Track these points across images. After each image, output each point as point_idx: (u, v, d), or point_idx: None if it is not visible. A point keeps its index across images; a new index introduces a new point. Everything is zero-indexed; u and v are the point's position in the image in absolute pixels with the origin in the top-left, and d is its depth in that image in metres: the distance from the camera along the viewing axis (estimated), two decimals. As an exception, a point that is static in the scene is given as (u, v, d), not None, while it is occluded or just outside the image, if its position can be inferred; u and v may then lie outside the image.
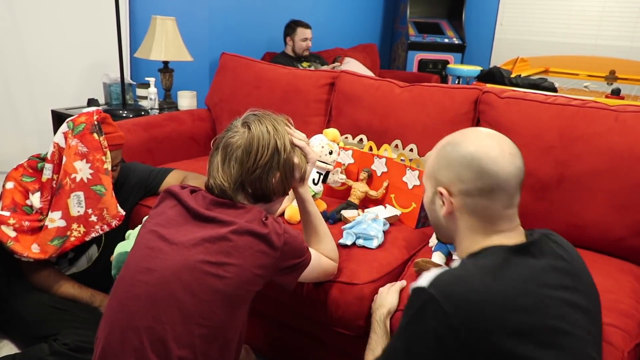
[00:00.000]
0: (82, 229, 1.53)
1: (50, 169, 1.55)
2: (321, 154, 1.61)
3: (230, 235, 1.03)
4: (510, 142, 0.90)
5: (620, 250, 1.50)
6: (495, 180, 0.86)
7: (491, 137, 0.90)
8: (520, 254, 0.84)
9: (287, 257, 1.10)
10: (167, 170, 1.84)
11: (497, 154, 0.86)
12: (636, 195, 1.45)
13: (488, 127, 1.70)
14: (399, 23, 5.02)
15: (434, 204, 0.95)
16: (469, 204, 0.89)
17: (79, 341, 1.42)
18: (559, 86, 3.16)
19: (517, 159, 0.88)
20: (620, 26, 4.45)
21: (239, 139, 1.11)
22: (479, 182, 0.86)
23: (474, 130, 0.94)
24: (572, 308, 0.80)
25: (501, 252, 0.84)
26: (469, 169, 0.87)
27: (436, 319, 0.75)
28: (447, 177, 0.91)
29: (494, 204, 0.87)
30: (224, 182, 1.10)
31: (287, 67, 2.31)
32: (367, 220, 1.49)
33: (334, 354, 1.46)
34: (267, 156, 1.11)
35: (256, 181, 1.11)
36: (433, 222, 0.99)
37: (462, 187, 0.88)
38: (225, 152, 1.12)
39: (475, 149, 0.87)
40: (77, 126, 1.55)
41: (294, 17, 3.48)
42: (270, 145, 1.11)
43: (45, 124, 2.52)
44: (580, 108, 1.56)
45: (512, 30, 4.92)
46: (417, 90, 1.88)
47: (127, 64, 2.80)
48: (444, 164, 0.91)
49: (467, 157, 0.88)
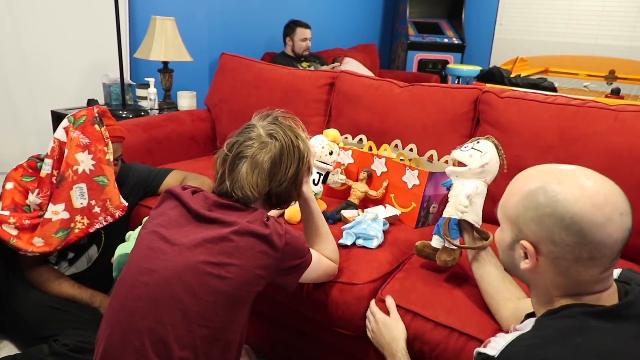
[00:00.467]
0: (86, 221, 1.53)
1: (50, 164, 1.55)
2: (321, 154, 1.61)
3: (231, 235, 1.03)
4: (620, 193, 0.73)
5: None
6: (598, 248, 0.70)
7: (597, 189, 0.71)
8: (607, 317, 0.70)
9: (288, 258, 1.10)
10: (166, 170, 1.84)
11: (605, 216, 0.69)
12: (636, 195, 1.44)
13: (488, 127, 1.70)
14: (398, 23, 5.02)
15: (513, 251, 0.80)
16: (560, 266, 0.74)
17: (79, 342, 1.42)
18: (558, 86, 3.16)
19: (628, 219, 0.71)
20: (619, 26, 4.46)
21: (267, 151, 1.12)
22: (577, 248, 0.71)
23: (573, 175, 0.75)
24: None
25: (582, 314, 0.71)
26: (567, 232, 0.71)
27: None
28: (534, 233, 0.74)
29: (591, 271, 0.72)
30: (254, 191, 1.10)
31: (287, 67, 2.31)
32: (367, 220, 1.49)
33: (334, 354, 1.46)
34: (293, 167, 1.14)
35: (282, 192, 1.15)
36: (506, 264, 0.85)
37: (553, 249, 0.73)
38: (253, 162, 1.11)
39: (579, 210, 0.70)
40: (78, 119, 1.56)
41: (294, 17, 3.48)
42: (296, 157, 1.15)
43: (45, 125, 2.52)
44: (580, 108, 1.56)
45: (511, 30, 4.92)
46: (417, 90, 1.89)
47: (127, 65, 2.80)
48: (532, 216, 0.74)
49: (565, 218, 0.71)
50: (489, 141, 1.26)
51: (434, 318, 1.20)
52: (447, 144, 1.75)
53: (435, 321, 1.19)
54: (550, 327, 0.71)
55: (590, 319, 0.70)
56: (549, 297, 0.78)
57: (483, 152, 1.23)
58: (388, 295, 1.27)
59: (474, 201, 1.21)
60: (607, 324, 0.69)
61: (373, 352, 1.36)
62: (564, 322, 0.71)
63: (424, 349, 1.20)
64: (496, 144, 1.26)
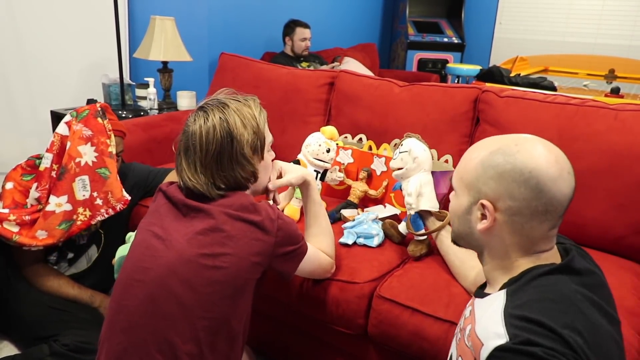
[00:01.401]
0: (88, 213, 1.54)
1: (49, 158, 1.55)
2: (318, 152, 1.61)
3: (222, 225, 1.02)
4: (565, 157, 0.81)
5: (620, 248, 1.50)
6: (551, 202, 0.77)
7: (549, 151, 0.80)
8: (561, 272, 0.78)
9: (283, 244, 1.09)
10: (166, 170, 1.84)
11: (557, 173, 0.77)
12: (636, 194, 1.45)
13: (487, 126, 1.70)
14: (398, 22, 5.02)
15: (469, 214, 0.85)
16: (515, 222, 0.80)
17: (78, 342, 1.42)
18: (558, 85, 3.16)
19: (572, 178, 0.80)
20: (619, 25, 4.45)
21: (193, 139, 1.07)
22: (534, 202, 0.77)
23: (528, 139, 0.82)
24: (614, 336, 0.76)
25: (540, 275, 0.78)
26: (525, 186, 0.77)
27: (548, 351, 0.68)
28: (494, 190, 0.80)
29: (542, 226, 0.79)
30: (197, 185, 1.06)
31: (287, 67, 2.31)
32: (368, 220, 1.49)
33: (334, 353, 1.46)
34: (216, 150, 1.06)
35: (222, 176, 1.07)
36: (460, 231, 0.90)
37: (511, 204, 0.79)
38: (187, 155, 1.08)
39: (535, 165, 0.77)
40: (81, 113, 1.59)
41: (293, 17, 3.48)
42: (216, 138, 1.06)
43: (45, 125, 2.51)
44: (580, 107, 1.56)
45: (511, 29, 4.92)
46: (417, 89, 1.88)
47: (126, 64, 2.80)
48: (492, 174, 0.80)
49: (524, 172, 0.77)
50: (409, 138, 1.47)
51: (433, 313, 1.20)
52: (447, 143, 1.75)
53: (434, 316, 1.20)
54: (523, 292, 0.76)
55: (548, 276, 0.77)
56: (504, 261, 0.83)
57: (409, 150, 1.43)
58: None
59: (423, 191, 1.40)
60: (562, 276, 0.77)
61: (374, 351, 1.36)
62: (531, 285, 0.77)
63: (424, 346, 1.21)
64: (415, 136, 1.47)
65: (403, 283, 1.30)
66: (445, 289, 1.26)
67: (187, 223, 1.05)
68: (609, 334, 0.74)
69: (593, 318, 0.73)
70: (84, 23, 2.64)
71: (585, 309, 0.73)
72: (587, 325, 0.71)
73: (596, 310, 0.74)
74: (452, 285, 1.28)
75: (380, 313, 1.28)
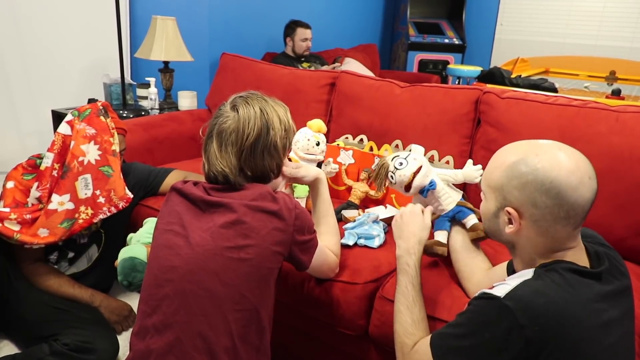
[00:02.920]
0: (90, 211, 1.54)
1: (51, 157, 1.55)
2: (308, 146, 1.60)
3: (242, 217, 1.05)
4: (587, 161, 0.85)
5: (620, 250, 1.48)
6: (573, 207, 0.82)
7: (569, 159, 0.83)
8: (589, 277, 0.83)
9: (300, 232, 1.12)
10: (167, 170, 1.84)
11: (577, 180, 0.81)
12: (636, 195, 1.45)
13: (489, 127, 1.70)
14: (399, 23, 5.02)
15: (497, 218, 0.90)
16: (540, 226, 0.85)
17: (79, 341, 1.42)
18: (559, 86, 3.16)
19: (594, 182, 0.84)
20: (620, 26, 4.45)
21: (231, 123, 1.11)
22: (556, 209, 0.82)
23: (549, 147, 0.86)
24: (626, 339, 0.82)
25: (571, 272, 0.83)
26: (547, 195, 0.82)
27: (509, 330, 0.76)
28: (518, 199, 0.85)
29: (566, 228, 0.84)
30: (225, 168, 1.10)
31: (288, 68, 2.31)
32: (369, 221, 1.49)
33: (335, 354, 1.46)
34: (254, 136, 1.10)
35: (252, 163, 1.12)
36: (490, 231, 0.95)
37: (535, 212, 0.84)
38: (220, 138, 1.12)
39: (556, 175, 0.81)
40: (83, 112, 1.59)
41: (294, 18, 3.48)
42: (257, 125, 1.11)
43: (46, 124, 2.52)
44: (581, 108, 1.56)
45: (512, 31, 4.92)
46: (418, 90, 1.88)
47: (128, 64, 2.80)
48: (516, 184, 0.85)
49: (545, 183, 0.82)
50: (408, 153, 1.38)
51: (436, 315, 1.20)
52: (448, 144, 1.75)
53: (438, 318, 1.19)
54: (547, 277, 0.82)
55: (574, 275, 0.82)
56: (532, 257, 0.89)
57: (412, 150, 1.39)
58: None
59: (444, 187, 1.33)
60: (586, 279, 0.82)
61: (374, 352, 1.36)
62: (556, 274, 0.82)
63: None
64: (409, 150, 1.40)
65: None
66: (447, 291, 1.26)
67: (208, 218, 1.07)
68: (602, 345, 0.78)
69: (588, 322, 0.77)
70: (85, 23, 2.64)
71: (587, 314, 0.78)
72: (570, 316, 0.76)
73: (601, 324, 0.79)
74: (453, 288, 1.28)
75: (382, 314, 1.28)
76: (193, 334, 0.99)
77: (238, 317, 1.01)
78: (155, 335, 1.01)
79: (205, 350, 0.99)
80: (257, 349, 1.05)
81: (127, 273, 1.30)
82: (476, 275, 1.22)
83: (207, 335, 0.99)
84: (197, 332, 0.99)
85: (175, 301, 1.01)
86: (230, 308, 1.01)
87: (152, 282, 1.06)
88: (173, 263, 1.04)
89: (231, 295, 1.01)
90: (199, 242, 1.04)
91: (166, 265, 1.05)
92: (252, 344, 1.04)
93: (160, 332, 1.01)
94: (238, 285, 1.02)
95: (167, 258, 1.06)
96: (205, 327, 0.99)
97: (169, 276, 1.04)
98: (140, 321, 1.05)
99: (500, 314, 0.77)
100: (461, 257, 1.26)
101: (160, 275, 1.05)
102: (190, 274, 1.02)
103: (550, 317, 0.75)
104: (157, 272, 1.06)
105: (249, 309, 1.03)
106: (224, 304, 1.01)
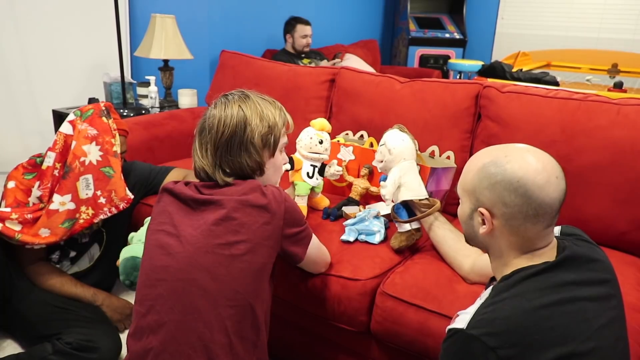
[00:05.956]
0: (91, 211, 1.54)
1: (52, 157, 1.55)
2: (311, 145, 1.59)
3: (232, 213, 1.05)
4: (555, 163, 0.88)
5: (622, 244, 1.49)
6: (541, 206, 0.85)
7: (537, 159, 0.87)
8: (548, 271, 0.85)
9: (290, 224, 1.12)
10: (168, 168, 1.84)
11: (544, 179, 0.84)
12: (638, 189, 1.44)
13: (489, 122, 1.70)
14: (399, 18, 5.00)
15: (472, 220, 0.94)
16: (511, 225, 0.88)
17: (81, 340, 1.42)
18: (561, 80, 3.14)
19: (562, 182, 0.87)
20: (622, 19, 4.43)
21: (211, 121, 1.13)
22: (524, 207, 0.85)
23: (517, 149, 0.90)
24: (607, 324, 0.83)
25: (523, 278, 0.85)
26: (515, 194, 0.85)
27: (485, 355, 0.77)
28: (489, 199, 0.88)
29: (536, 227, 0.87)
30: (204, 165, 1.13)
31: (287, 64, 2.30)
32: (370, 217, 1.49)
33: (337, 351, 1.46)
34: (229, 133, 1.12)
35: (228, 159, 1.13)
36: (467, 234, 0.99)
37: (505, 211, 0.87)
38: (200, 136, 1.15)
39: (523, 175, 0.85)
40: (85, 112, 1.59)
41: (294, 14, 3.47)
42: (232, 122, 1.12)
43: (46, 124, 2.52)
44: (582, 102, 1.55)
45: (513, 25, 4.90)
46: (418, 85, 1.88)
47: (127, 63, 2.80)
48: (486, 184, 0.89)
49: (513, 182, 0.85)
50: (389, 130, 1.51)
51: (438, 310, 1.20)
52: (449, 139, 1.75)
53: (440, 313, 1.19)
54: (503, 292, 0.85)
55: (528, 281, 0.84)
56: (504, 260, 0.91)
57: (384, 143, 1.48)
58: None
59: (404, 181, 1.41)
60: (544, 275, 0.84)
61: (376, 348, 1.36)
62: (513, 288, 0.84)
63: (428, 342, 1.20)
64: (397, 127, 1.51)
65: (406, 280, 1.30)
66: (449, 286, 1.26)
67: (198, 216, 1.08)
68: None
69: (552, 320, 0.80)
70: (85, 22, 2.64)
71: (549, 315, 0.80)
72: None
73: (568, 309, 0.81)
74: (455, 282, 1.28)
75: (384, 310, 1.28)
76: (188, 332, 0.99)
77: (232, 313, 1.02)
78: (150, 335, 1.01)
79: (201, 348, 0.99)
80: (254, 344, 1.06)
81: (129, 272, 1.31)
82: (465, 263, 1.29)
83: (202, 333, 1.00)
84: (192, 329, 1.00)
85: (168, 300, 1.02)
86: (224, 304, 1.01)
87: (146, 282, 1.06)
88: (165, 263, 1.05)
89: (224, 292, 1.02)
90: (190, 241, 1.05)
91: (158, 265, 1.05)
92: (249, 340, 1.04)
93: (156, 332, 1.01)
94: (230, 281, 1.02)
95: (159, 258, 1.06)
96: (199, 324, 1.00)
97: (161, 276, 1.04)
98: (136, 322, 1.06)
99: (470, 345, 0.79)
100: (445, 248, 1.36)
101: (153, 275, 1.05)
102: (183, 273, 1.03)
103: (514, 331, 0.78)
104: (149, 272, 1.07)
105: (243, 305, 1.03)
106: (217, 301, 1.01)
